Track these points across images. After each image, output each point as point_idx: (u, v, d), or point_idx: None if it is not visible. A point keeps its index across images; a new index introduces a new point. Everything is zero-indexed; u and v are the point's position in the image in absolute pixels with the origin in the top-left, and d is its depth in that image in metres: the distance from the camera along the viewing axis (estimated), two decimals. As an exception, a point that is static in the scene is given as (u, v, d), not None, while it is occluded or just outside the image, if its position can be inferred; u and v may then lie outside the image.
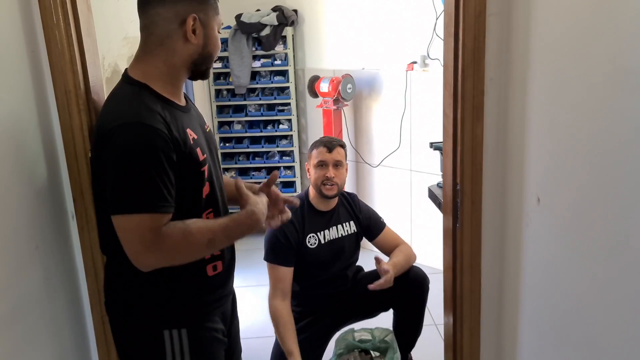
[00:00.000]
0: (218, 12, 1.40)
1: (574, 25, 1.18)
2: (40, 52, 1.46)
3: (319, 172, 2.33)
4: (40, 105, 1.46)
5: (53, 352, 1.48)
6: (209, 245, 1.33)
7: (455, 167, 1.63)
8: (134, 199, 1.23)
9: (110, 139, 1.25)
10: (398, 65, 3.61)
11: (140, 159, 1.23)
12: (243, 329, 1.83)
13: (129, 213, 1.23)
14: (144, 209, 1.23)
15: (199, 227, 1.32)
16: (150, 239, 1.24)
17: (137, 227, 1.23)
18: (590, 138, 1.14)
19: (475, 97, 1.55)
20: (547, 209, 1.34)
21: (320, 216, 2.40)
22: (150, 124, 1.25)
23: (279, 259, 2.30)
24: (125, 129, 1.24)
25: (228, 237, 1.37)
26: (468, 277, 1.67)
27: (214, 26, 1.39)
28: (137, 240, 1.24)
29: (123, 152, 1.24)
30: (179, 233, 1.28)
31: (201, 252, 1.36)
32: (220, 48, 1.44)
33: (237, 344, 1.70)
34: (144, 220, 1.23)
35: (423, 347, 2.54)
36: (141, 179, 1.23)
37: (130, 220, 1.24)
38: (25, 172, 1.38)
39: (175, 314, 1.41)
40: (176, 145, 1.29)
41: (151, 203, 1.24)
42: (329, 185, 2.32)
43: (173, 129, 1.29)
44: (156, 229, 1.25)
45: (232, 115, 4.33)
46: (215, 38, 1.40)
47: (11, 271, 1.29)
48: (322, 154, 2.33)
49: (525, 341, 1.52)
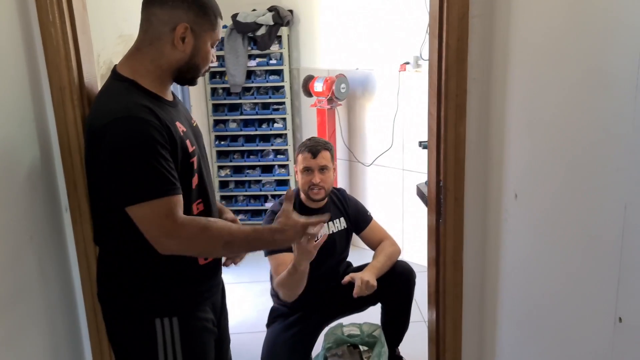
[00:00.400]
0: (214, 29, 1.43)
1: (550, 28, 1.23)
2: (37, 48, 1.50)
3: (305, 178, 2.38)
4: (35, 100, 1.50)
5: (47, 339, 1.51)
6: (226, 246, 1.39)
7: (439, 164, 1.68)
8: (142, 187, 1.28)
9: (104, 136, 1.29)
10: (391, 65, 3.65)
11: (137, 150, 1.28)
12: (235, 324, 1.88)
13: (140, 202, 1.28)
14: (153, 195, 1.28)
15: (220, 226, 1.38)
16: (167, 225, 1.30)
17: (151, 213, 1.29)
18: (564, 136, 1.19)
19: (459, 97, 1.59)
20: (524, 205, 1.39)
21: (311, 214, 2.44)
22: (141, 117, 1.29)
23: (277, 249, 2.33)
24: (117, 125, 1.29)
25: (249, 244, 1.44)
26: (451, 270, 1.72)
27: (207, 41, 1.42)
28: (155, 226, 1.30)
29: (119, 146, 1.28)
30: (197, 225, 1.34)
31: (217, 250, 1.41)
32: (209, 62, 1.46)
33: (226, 335, 1.74)
34: (157, 206, 1.29)
35: (412, 342, 2.58)
36: (143, 168, 1.28)
37: (144, 208, 1.29)
38: (21, 165, 1.42)
39: (167, 303, 1.45)
40: (169, 135, 1.33)
41: (159, 188, 1.29)
42: (316, 189, 2.37)
43: (162, 122, 1.33)
44: (171, 214, 1.30)
45: (228, 114, 4.37)
46: (205, 52, 1.43)
47: (7, 260, 1.33)
48: (307, 160, 2.37)
49: (504, 331, 1.57)
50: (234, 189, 4.48)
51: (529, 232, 1.39)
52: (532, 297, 1.39)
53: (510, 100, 1.44)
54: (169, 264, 1.43)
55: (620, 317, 1.03)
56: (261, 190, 4.42)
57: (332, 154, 2.46)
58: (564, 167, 1.20)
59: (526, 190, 1.38)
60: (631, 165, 0.96)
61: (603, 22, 1.03)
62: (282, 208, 1.46)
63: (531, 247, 1.38)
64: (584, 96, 1.10)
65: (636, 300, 0.99)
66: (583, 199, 1.13)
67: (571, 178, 1.17)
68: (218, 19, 1.44)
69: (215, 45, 1.47)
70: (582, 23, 1.10)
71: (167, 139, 1.33)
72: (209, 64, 1.47)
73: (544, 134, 1.29)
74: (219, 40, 1.47)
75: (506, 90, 1.46)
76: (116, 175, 1.30)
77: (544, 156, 1.29)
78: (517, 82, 1.41)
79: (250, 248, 1.46)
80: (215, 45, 1.47)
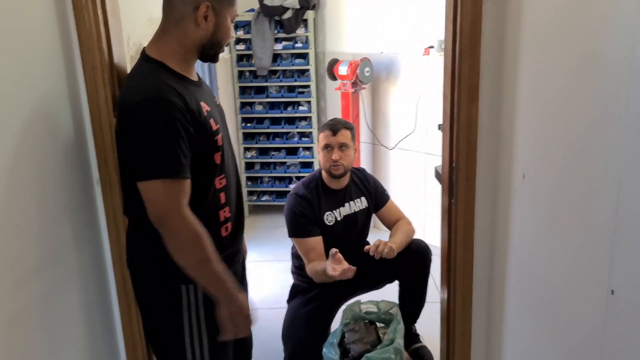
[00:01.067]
0: (233, 4, 1.51)
1: (553, 13, 1.27)
2: (71, 31, 1.59)
3: (326, 155, 2.45)
4: (70, 79, 1.60)
5: (80, 299, 1.63)
6: (199, 263, 1.41)
7: (452, 145, 1.73)
8: (156, 166, 1.37)
9: (133, 112, 1.38)
10: (415, 49, 3.68)
11: (161, 131, 1.37)
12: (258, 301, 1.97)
13: (152, 179, 1.37)
14: (164, 175, 1.36)
15: (209, 248, 1.41)
16: (171, 205, 1.37)
17: (162, 191, 1.37)
18: (565, 118, 1.23)
19: (471, 79, 1.63)
20: (531, 185, 1.44)
21: (334, 195, 2.52)
22: (169, 98, 1.37)
23: (304, 232, 2.42)
24: (146, 104, 1.37)
25: (211, 281, 1.45)
26: (462, 248, 1.77)
27: (227, 16, 1.50)
28: (160, 202, 1.37)
29: (145, 124, 1.37)
30: (192, 228, 1.39)
31: (188, 260, 1.42)
32: (230, 37, 1.54)
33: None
34: (165, 184, 1.37)
35: (429, 322, 2.62)
36: (161, 149, 1.36)
37: (153, 185, 1.37)
38: (57, 139, 1.52)
39: None
40: (192, 117, 1.41)
41: (170, 169, 1.37)
42: (335, 166, 2.44)
43: (188, 102, 1.42)
44: (177, 196, 1.38)
45: (254, 96, 4.44)
46: (226, 27, 1.51)
47: (45, 224, 1.45)
48: (328, 137, 2.45)
49: (511, 307, 1.63)
50: (259, 171, 4.57)
51: (535, 211, 1.44)
52: (535, 273, 1.44)
53: (520, 83, 1.48)
54: None
55: (612, 290, 1.08)
56: (286, 172, 4.51)
57: (353, 133, 2.52)
58: (566, 148, 1.25)
59: (533, 170, 1.43)
60: (625, 144, 1.01)
61: (600, 7, 1.06)
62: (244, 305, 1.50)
63: (536, 226, 1.43)
64: (583, 79, 1.14)
65: (628, 274, 1.04)
66: (581, 177, 1.18)
67: (572, 158, 1.22)
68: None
69: (234, 20, 1.55)
70: (582, 7, 1.14)
71: (190, 120, 1.40)
72: (229, 39, 1.55)
73: (548, 116, 1.33)
74: (237, 15, 1.55)
75: (517, 74, 1.50)
76: (137, 151, 1.39)
77: (548, 137, 1.33)
78: (526, 66, 1.45)
79: (208, 283, 1.46)
80: (234, 20, 1.55)
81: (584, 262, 1.19)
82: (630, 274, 1.02)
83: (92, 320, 1.70)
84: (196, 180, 1.46)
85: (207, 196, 1.54)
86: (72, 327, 1.58)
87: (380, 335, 2.46)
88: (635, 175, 0.98)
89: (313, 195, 2.47)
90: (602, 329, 1.13)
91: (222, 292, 1.47)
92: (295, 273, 2.66)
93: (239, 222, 1.67)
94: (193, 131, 1.42)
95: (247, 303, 1.52)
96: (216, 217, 1.56)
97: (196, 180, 1.46)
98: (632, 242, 1.00)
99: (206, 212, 1.54)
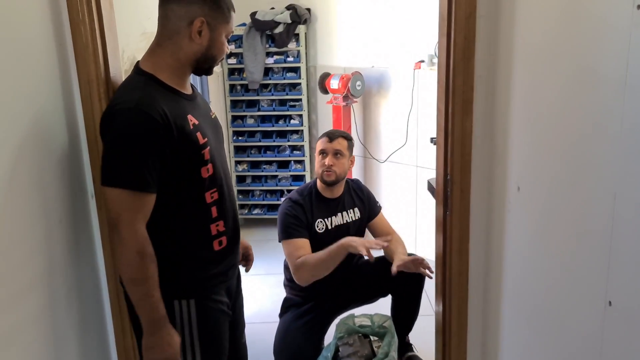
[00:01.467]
0: (228, 22, 1.52)
1: (547, 28, 1.30)
2: (67, 45, 1.59)
3: (320, 161, 2.49)
4: (65, 93, 1.59)
5: (76, 314, 1.62)
6: (133, 281, 1.42)
7: (446, 158, 1.75)
8: (120, 174, 1.38)
9: (109, 120, 1.41)
10: (406, 63, 3.72)
11: (130, 141, 1.38)
12: (250, 315, 1.96)
13: (112, 186, 1.38)
14: (124, 185, 1.37)
15: (149, 270, 1.41)
16: (124, 216, 1.37)
17: (118, 199, 1.38)
18: (559, 131, 1.25)
19: (465, 93, 1.66)
20: (526, 197, 1.46)
21: (327, 203, 2.53)
22: (147, 112, 1.38)
23: (294, 233, 2.40)
24: (123, 113, 1.39)
25: (138, 301, 1.44)
26: (457, 260, 1.78)
27: (222, 33, 1.51)
28: (114, 210, 1.39)
29: (117, 133, 1.39)
30: (138, 245, 1.39)
31: (125, 272, 1.42)
32: (224, 53, 1.56)
33: (240, 318, 1.83)
34: (125, 194, 1.37)
35: (422, 335, 2.63)
36: (127, 159, 1.37)
37: (112, 192, 1.38)
38: (52, 153, 1.52)
39: (185, 286, 1.54)
40: (170, 132, 1.41)
41: (131, 180, 1.38)
42: (328, 172, 2.45)
43: (170, 117, 1.42)
44: (132, 208, 1.38)
45: (245, 110, 4.46)
46: (220, 43, 1.52)
47: (41, 238, 1.44)
48: (324, 143, 2.49)
49: (507, 318, 1.64)
50: (251, 184, 4.57)
51: (530, 223, 1.45)
52: (531, 284, 1.45)
53: (514, 96, 1.50)
54: (187, 250, 1.53)
55: (610, 301, 1.09)
56: (277, 185, 4.51)
57: (350, 144, 2.54)
58: (560, 161, 1.26)
59: (527, 182, 1.44)
60: (620, 157, 1.02)
61: (593, 24, 1.09)
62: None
63: (531, 237, 1.45)
64: (576, 93, 1.16)
65: (625, 285, 1.05)
66: (576, 190, 1.19)
67: (566, 171, 1.23)
68: (231, 12, 1.53)
69: (229, 37, 1.56)
70: (575, 24, 1.16)
71: (167, 135, 1.41)
72: (223, 54, 1.56)
73: (542, 129, 1.35)
74: (232, 32, 1.57)
75: (510, 87, 1.52)
76: (105, 157, 1.40)
77: (542, 150, 1.35)
78: (519, 80, 1.47)
79: (136, 303, 1.45)
80: (229, 36, 1.56)
81: (580, 273, 1.20)
82: (627, 284, 1.04)
83: (86, 335, 1.68)
84: (183, 193, 1.47)
85: (196, 210, 1.54)
86: (67, 342, 1.56)
87: (375, 348, 2.45)
88: (630, 187, 1.00)
89: (306, 201, 2.49)
90: (599, 341, 1.13)
91: (146, 319, 1.44)
92: (287, 286, 2.65)
93: (235, 237, 1.66)
94: (173, 146, 1.42)
95: (175, 348, 1.47)
96: (207, 231, 1.56)
97: (183, 194, 1.47)
98: (629, 254, 1.02)
99: (196, 225, 1.55)
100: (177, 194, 1.45)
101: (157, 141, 1.39)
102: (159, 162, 1.41)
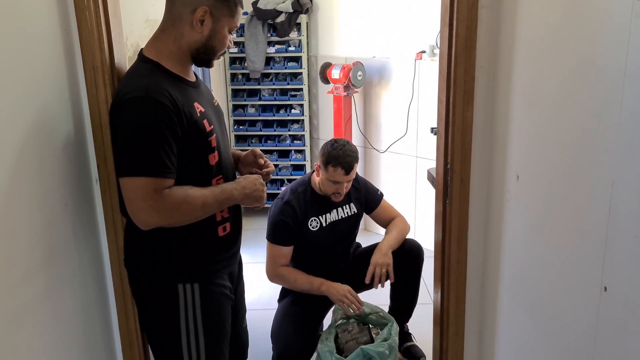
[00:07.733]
0: (233, 16, 1.51)
1: (549, 20, 1.31)
2: (72, 31, 1.60)
3: (332, 186, 2.41)
4: (70, 79, 1.61)
5: (80, 297, 1.64)
6: (203, 207, 1.48)
7: (446, 147, 1.76)
8: (140, 163, 1.38)
9: (120, 110, 1.41)
10: (407, 54, 3.72)
11: (146, 129, 1.38)
12: (250, 301, 1.99)
13: (134, 175, 1.38)
14: (147, 173, 1.38)
15: (195, 191, 1.46)
16: (154, 198, 1.39)
17: (141, 188, 1.38)
18: (559, 121, 1.27)
19: (467, 83, 1.67)
20: (525, 186, 1.48)
21: (321, 201, 2.51)
22: (157, 99, 1.39)
23: (280, 240, 2.44)
24: (134, 102, 1.39)
25: (219, 202, 1.52)
26: (455, 248, 1.81)
27: (224, 26, 1.50)
28: (141, 199, 1.39)
29: (131, 122, 1.39)
30: (180, 194, 1.42)
31: (196, 214, 1.48)
32: (226, 47, 1.55)
33: (242, 303, 1.86)
34: (148, 182, 1.38)
35: (420, 323, 2.66)
36: (146, 146, 1.38)
37: (135, 182, 1.38)
38: (58, 138, 1.53)
39: (189, 270, 1.57)
40: (180, 119, 1.42)
41: (154, 168, 1.38)
42: (338, 194, 2.45)
43: (179, 103, 1.43)
44: (159, 190, 1.39)
45: (246, 99, 4.46)
46: (222, 36, 1.51)
47: (47, 222, 1.46)
48: (340, 175, 2.37)
49: (504, 306, 1.66)
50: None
51: (529, 211, 1.47)
52: (529, 273, 1.48)
53: (515, 87, 1.52)
54: (190, 235, 1.54)
55: (605, 287, 1.12)
56: (278, 175, 4.52)
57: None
58: (559, 150, 1.28)
59: (527, 172, 1.46)
60: (618, 146, 1.04)
61: (594, 15, 1.10)
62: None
63: (529, 226, 1.47)
64: (576, 84, 1.18)
65: (620, 271, 1.07)
66: (575, 179, 1.21)
67: (565, 160, 1.25)
68: (238, 7, 1.52)
69: (234, 32, 1.56)
70: (576, 15, 1.18)
71: (177, 122, 1.42)
72: (225, 48, 1.55)
73: (542, 119, 1.37)
74: (237, 27, 1.56)
75: (511, 78, 1.53)
76: (120, 148, 1.41)
77: (542, 140, 1.37)
78: (520, 70, 1.49)
79: (222, 204, 1.54)
80: (234, 31, 1.56)
81: (577, 260, 1.22)
82: (622, 271, 1.06)
83: (90, 318, 1.71)
84: (191, 181, 1.48)
85: None
86: (71, 325, 1.59)
87: (373, 335, 2.47)
88: (628, 176, 1.02)
89: (299, 200, 2.46)
90: (594, 326, 1.16)
91: (233, 199, 1.55)
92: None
93: (237, 223, 1.68)
94: (183, 133, 1.43)
95: (250, 181, 1.59)
96: (212, 217, 1.58)
97: (191, 181, 1.48)
98: (625, 241, 1.04)
99: None
100: (185, 180, 1.47)
101: (170, 127, 1.40)
102: (175, 147, 1.42)
